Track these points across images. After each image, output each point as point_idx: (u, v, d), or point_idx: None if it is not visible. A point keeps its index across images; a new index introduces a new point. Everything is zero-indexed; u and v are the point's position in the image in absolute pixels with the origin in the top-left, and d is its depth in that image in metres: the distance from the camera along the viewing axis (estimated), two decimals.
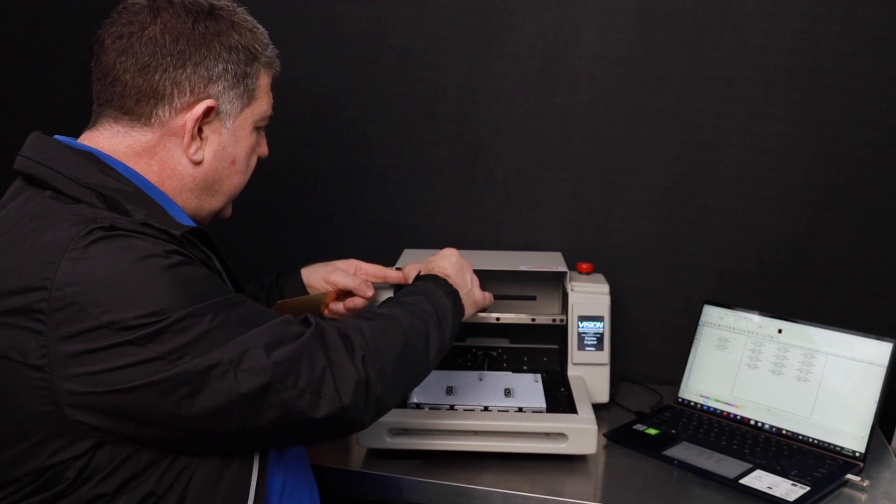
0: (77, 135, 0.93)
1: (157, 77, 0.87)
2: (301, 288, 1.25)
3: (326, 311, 1.26)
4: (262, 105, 0.98)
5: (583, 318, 1.38)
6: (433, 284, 1.07)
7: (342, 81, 1.61)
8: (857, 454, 1.23)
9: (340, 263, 1.27)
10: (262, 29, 0.97)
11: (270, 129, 1.05)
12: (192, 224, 0.90)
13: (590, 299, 1.39)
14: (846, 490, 1.17)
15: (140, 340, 0.73)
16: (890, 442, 1.34)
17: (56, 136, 0.89)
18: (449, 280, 1.09)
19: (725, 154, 1.49)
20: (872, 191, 1.44)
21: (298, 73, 1.61)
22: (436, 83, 1.58)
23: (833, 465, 1.21)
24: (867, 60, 1.40)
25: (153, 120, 0.88)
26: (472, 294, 1.16)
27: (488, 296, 1.25)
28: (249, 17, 0.95)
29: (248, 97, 0.94)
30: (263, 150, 1.04)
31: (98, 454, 0.76)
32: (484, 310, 1.34)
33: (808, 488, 1.13)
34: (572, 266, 1.50)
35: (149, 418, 0.76)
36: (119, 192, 0.83)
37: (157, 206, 0.86)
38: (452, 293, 1.07)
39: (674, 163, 1.51)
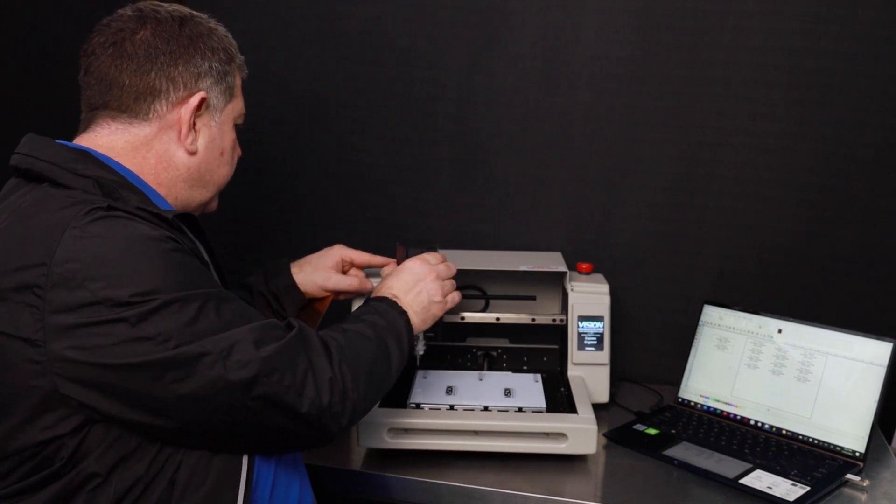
0: (74, 137, 0.95)
1: (152, 75, 0.93)
2: (297, 294, 1.26)
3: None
4: (239, 103, 1.04)
5: (583, 318, 1.38)
6: (385, 304, 1.08)
7: (342, 81, 1.61)
8: (857, 454, 1.23)
9: (329, 261, 1.28)
10: (231, 37, 1.04)
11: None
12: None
13: (590, 299, 1.39)
14: (846, 490, 1.17)
15: (132, 319, 0.76)
16: (890, 442, 1.34)
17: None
18: (398, 301, 1.10)
19: (725, 154, 1.49)
20: (872, 191, 1.44)
21: (298, 73, 1.62)
22: (436, 83, 1.58)
23: (833, 465, 1.21)
24: (867, 60, 1.40)
25: (151, 115, 0.94)
26: (427, 310, 1.13)
27: (452, 299, 1.18)
28: (221, 26, 1.02)
29: (229, 94, 1.01)
30: (238, 148, 1.09)
31: (90, 435, 0.78)
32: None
33: (808, 488, 1.13)
34: (572, 266, 1.49)
35: (136, 400, 0.78)
36: (114, 182, 0.88)
37: (146, 198, 0.91)
38: (402, 314, 1.08)
39: (674, 163, 1.51)
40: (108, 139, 0.93)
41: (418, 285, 1.13)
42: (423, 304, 1.12)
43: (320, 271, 1.27)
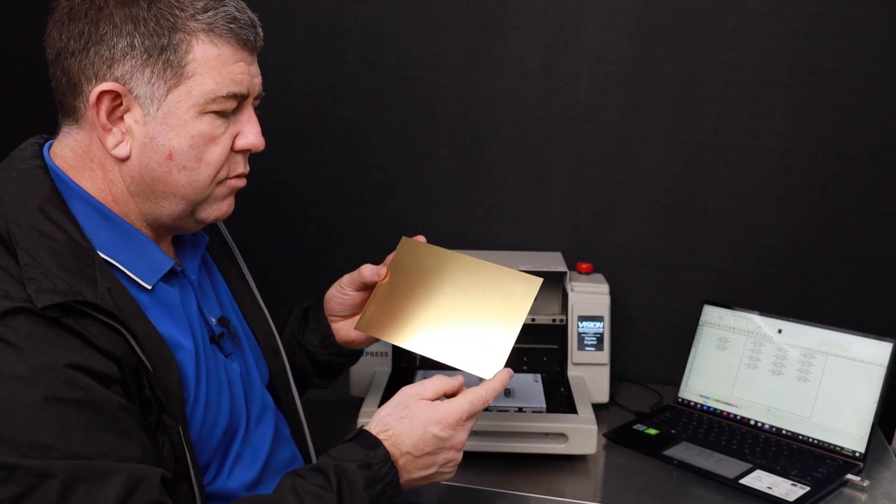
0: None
1: (66, 65, 0.77)
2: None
3: None
4: (207, 82, 0.78)
5: (583, 318, 1.38)
6: (362, 472, 0.80)
7: (342, 81, 1.61)
8: (857, 454, 1.23)
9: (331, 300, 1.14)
10: None
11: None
12: (167, 268, 0.83)
13: (590, 299, 1.39)
14: (846, 490, 1.17)
15: None
16: (890, 442, 1.34)
17: (46, 145, 0.84)
18: (396, 464, 0.83)
19: (725, 154, 1.49)
20: (872, 191, 1.44)
21: (298, 73, 1.61)
22: (436, 83, 1.58)
23: (833, 465, 1.21)
24: (867, 60, 1.40)
25: (77, 115, 0.79)
26: (416, 483, 0.87)
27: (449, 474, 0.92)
28: None
29: (175, 75, 0.77)
30: (248, 140, 0.84)
31: None
32: None
33: (807, 488, 1.13)
34: (572, 266, 1.50)
35: None
36: (35, 237, 0.72)
37: (77, 264, 0.73)
38: (386, 488, 0.82)
39: (674, 163, 1.51)
40: (60, 146, 0.81)
41: (437, 456, 0.87)
42: (424, 477, 0.87)
43: (333, 300, 1.13)
